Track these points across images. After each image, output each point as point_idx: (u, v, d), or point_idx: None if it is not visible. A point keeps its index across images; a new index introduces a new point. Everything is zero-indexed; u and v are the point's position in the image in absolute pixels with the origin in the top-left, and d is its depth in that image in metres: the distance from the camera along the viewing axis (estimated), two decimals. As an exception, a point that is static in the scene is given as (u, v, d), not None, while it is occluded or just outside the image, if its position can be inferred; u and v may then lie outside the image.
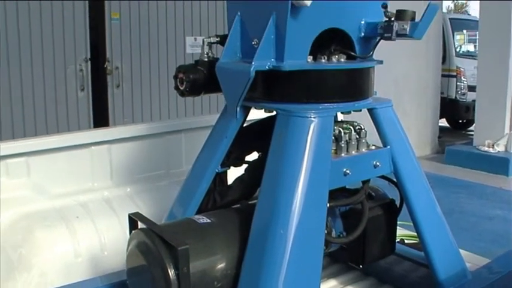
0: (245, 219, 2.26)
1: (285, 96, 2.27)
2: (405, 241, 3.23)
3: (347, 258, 2.75)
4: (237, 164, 2.60)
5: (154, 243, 2.07)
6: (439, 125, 11.52)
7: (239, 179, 2.53)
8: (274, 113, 2.31)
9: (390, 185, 2.63)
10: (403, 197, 2.55)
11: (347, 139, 2.31)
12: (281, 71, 2.18)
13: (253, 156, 2.60)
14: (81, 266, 3.11)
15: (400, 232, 2.87)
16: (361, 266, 2.63)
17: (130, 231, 2.27)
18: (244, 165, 2.59)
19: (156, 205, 3.35)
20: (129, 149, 3.55)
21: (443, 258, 2.59)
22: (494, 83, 9.54)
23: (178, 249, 1.96)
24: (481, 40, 10.16)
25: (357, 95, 2.37)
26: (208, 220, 2.28)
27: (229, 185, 2.56)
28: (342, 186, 2.38)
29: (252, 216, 2.20)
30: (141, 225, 2.24)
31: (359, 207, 2.45)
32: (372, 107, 2.43)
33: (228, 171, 2.59)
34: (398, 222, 2.72)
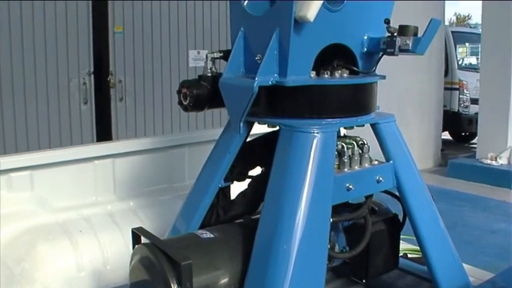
0: (248, 234, 2.26)
1: (288, 112, 2.27)
2: (408, 255, 3.23)
3: (350, 273, 2.73)
4: (240, 178, 2.60)
5: (157, 258, 2.07)
6: (442, 138, 11.52)
7: (242, 194, 2.53)
8: (277, 128, 2.32)
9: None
10: (406, 211, 2.55)
11: (350, 154, 2.32)
12: (284, 87, 2.19)
13: (257, 171, 2.60)
14: (83, 280, 3.10)
15: (403, 246, 2.86)
16: (364, 280, 2.62)
17: (133, 246, 2.27)
18: (248, 180, 2.59)
19: (159, 219, 3.34)
20: (132, 163, 3.55)
21: (447, 272, 2.58)
22: (496, 96, 9.55)
23: (182, 264, 1.96)
24: (483, 53, 10.18)
25: (359, 110, 2.38)
26: (211, 235, 2.28)
27: (233, 199, 2.56)
28: (345, 201, 2.37)
29: (255, 231, 2.20)
30: (144, 239, 2.24)
31: (362, 221, 2.45)
32: (375, 122, 2.43)
33: (231, 186, 2.59)
34: (402, 236, 2.71)
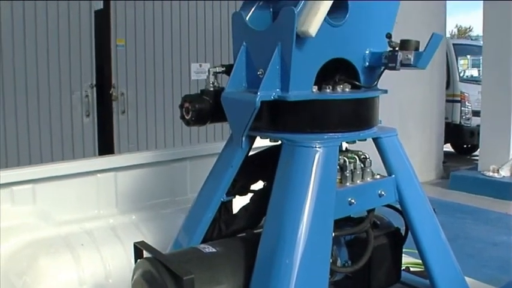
0: (250, 248, 2.26)
1: (290, 126, 2.28)
2: (411, 269, 3.22)
3: (352, 287, 2.73)
4: (243, 193, 2.60)
5: (159, 273, 2.07)
6: (444, 150, 11.53)
7: (244, 208, 2.53)
8: (279, 142, 2.32)
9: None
10: (408, 225, 2.55)
11: (352, 168, 2.32)
12: (286, 101, 2.20)
13: (259, 185, 2.61)
14: (85, 293, 3.11)
15: (405, 260, 2.86)
16: (367, 294, 2.62)
17: (135, 260, 2.27)
18: (250, 194, 2.59)
19: (161, 232, 3.34)
20: (134, 177, 3.55)
21: (449, 286, 2.58)
22: (498, 108, 9.57)
23: (184, 279, 1.95)
24: (484, 65, 10.20)
25: (361, 124, 2.39)
26: (213, 249, 2.28)
27: (235, 214, 2.56)
28: (347, 215, 2.37)
29: (257, 245, 2.20)
30: (146, 254, 2.24)
31: (364, 235, 2.45)
32: (377, 136, 2.44)
33: (233, 200, 2.60)
34: (404, 250, 2.71)
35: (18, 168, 3.48)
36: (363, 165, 2.37)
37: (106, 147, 7.72)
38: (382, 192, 2.39)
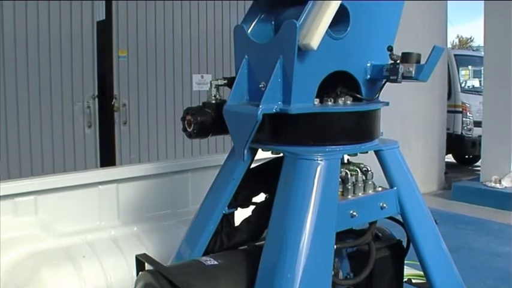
0: (252, 261, 2.26)
1: (291, 139, 2.28)
2: (412, 281, 3.21)
3: (354, 300, 2.73)
4: (244, 205, 2.60)
5: (161, 285, 2.08)
6: (446, 160, 11.52)
7: (246, 221, 2.53)
8: (281, 155, 2.32)
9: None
10: (409, 237, 2.55)
11: (354, 181, 2.32)
12: (288, 114, 2.20)
13: (260, 197, 2.61)
14: (87, 305, 3.10)
15: (407, 271, 2.85)
16: (369, 307, 2.61)
17: (137, 273, 2.27)
18: (252, 207, 2.59)
19: (162, 244, 3.34)
20: (136, 188, 3.56)
21: (451, 298, 2.58)
22: (500, 119, 9.57)
23: (186, 292, 1.96)
24: (486, 75, 10.21)
25: (363, 137, 2.38)
26: (215, 262, 2.28)
27: (237, 226, 2.56)
28: (349, 228, 2.37)
29: (259, 258, 2.20)
30: (148, 266, 2.24)
31: (366, 248, 2.45)
32: (379, 149, 2.44)
33: (235, 213, 2.60)
34: (406, 262, 2.71)
35: (20, 179, 3.48)
36: (364, 178, 2.37)
37: (108, 158, 7.72)
38: (384, 205, 2.39)
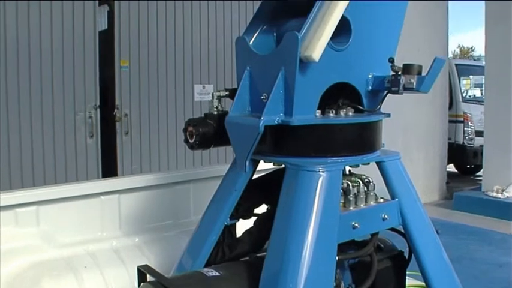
0: (254, 272, 2.25)
1: (293, 150, 2.28)
2: (414, 292, 3.22)
3: (356, 311, 2.73)
4: (246, 216, 2.60)
5: (163, 297, 2.08)
6: (447, 170, 11.51)
7: (248, 232, 2.53)
8: (283, 166, 2.33)
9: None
10: (411, 248, 2.54)
11: (355, 192, 2.32)
12: (290, 126, 2.20)
13: (262, 208, 2.61)
14: (88, 316, 3.10)
15: (409, 282, 2.85)
16: (371, 318, 2.60)
17: (139, 284, 2.27)
18: (253, 218, 2.59)
19: (164, 255, 3.34)
20: (138, 199, 3.56)
21: (453, 309, 2.57)
22: (501, 128, 9.56)
23: (188, 303, 1.96)
24: (487, 85, 10.22)
25: (365, 148, 2.39)
26: (217, 273, 2.27)
27: (238, 237, 2.56)
28: (351, 239, 2.37)
29: (261, 269, 2.20)
30: (149, 277, 2.24)
31: (368, 259, 2.44)
32: (380, 160, 2.44)
33: (236, 224, 2.59)
34: (408, 272, 2.70)
35: (21, 190, 3.48)
36: (366, 189, 2.37)
37: (109, 168, 7.74)
38: (386, 216, 2.39)
